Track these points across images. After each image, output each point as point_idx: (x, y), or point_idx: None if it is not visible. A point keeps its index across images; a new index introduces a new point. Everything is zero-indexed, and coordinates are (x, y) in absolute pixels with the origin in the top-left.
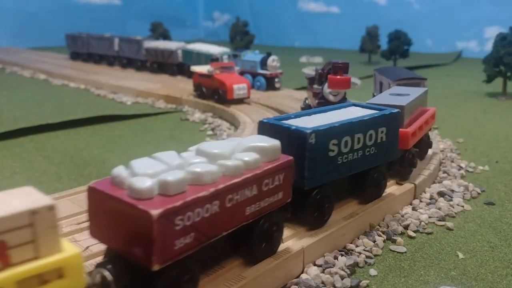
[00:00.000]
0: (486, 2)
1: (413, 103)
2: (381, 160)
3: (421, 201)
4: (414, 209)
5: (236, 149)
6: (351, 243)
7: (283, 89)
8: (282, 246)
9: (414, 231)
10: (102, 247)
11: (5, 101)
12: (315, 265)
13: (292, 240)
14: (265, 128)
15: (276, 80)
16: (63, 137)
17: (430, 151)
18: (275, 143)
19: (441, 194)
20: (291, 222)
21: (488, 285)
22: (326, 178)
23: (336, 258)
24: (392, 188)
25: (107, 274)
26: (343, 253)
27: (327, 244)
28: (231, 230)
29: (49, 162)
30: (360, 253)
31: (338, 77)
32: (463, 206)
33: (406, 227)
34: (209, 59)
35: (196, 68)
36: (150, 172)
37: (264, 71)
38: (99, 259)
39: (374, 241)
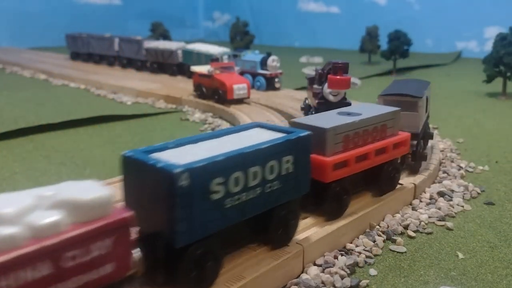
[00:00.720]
0: (486, 2)
1: (354, 125)
2: (289, 196)
3: (421, 201)
4: (414, 209)
5: (41, 204)
6: (351, 243)
7: (283, 89)
8: None
9: (414, 231)
10: None
11: (5, 101)
12: (315, 265)
13: None
14: (128, 164)
15: (276, 80)
16: (63, 137)
17: (430, 144)
18: (100, 194)
19: (441, 194)
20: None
21: (488, 285)
22: (209, 229)
23: (336, 258)
24: None
25: None
26: (343, 253)
27: (327, 244)
28: None
29: (49, 162)
30: (360, 253)
31: (338, 77)
32: (463, 206)
33: (406, 227)
34: (209, 59)
35: (196, 68)
36: None
37: (264, 71)
38: None
39: (374, 241)
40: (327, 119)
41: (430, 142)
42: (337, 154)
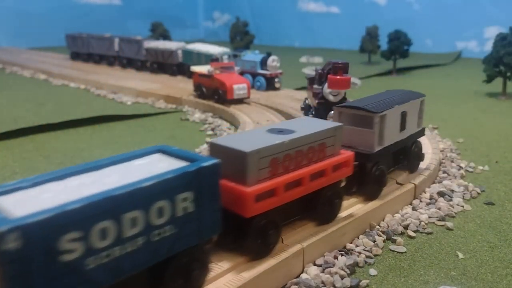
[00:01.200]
0: (486, 2)
1: (284, 146)
2: (190, 241)
3: (421, 201)
4: (414, 209)
5: None
6: (351, 243)
7: (283, 89)
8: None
9: (414, 231)
10: None
11: (5, 101)
12: (315, 265)
13: None
14: None
15: (276, 80)
16: (63, 137)
17: (428, 150)
18: None
19: (441, 194)
20: None
21: (488, 285)
22: None
23: (336, 258)
24: (392, 188)
25: None
26: (343, 253)
27: (327, 244)
28: None
29: (49, 162)
30: (360, 253)
31: (338, 77)
32: (463, 206)
33: (406, 227)
34: (209, 59)
35: (196, 68)
36: None
37: (264, 71)
38: None
39: (374, 241)
40: (252, 140)
41: (427, 149)
42: (262, 182)
